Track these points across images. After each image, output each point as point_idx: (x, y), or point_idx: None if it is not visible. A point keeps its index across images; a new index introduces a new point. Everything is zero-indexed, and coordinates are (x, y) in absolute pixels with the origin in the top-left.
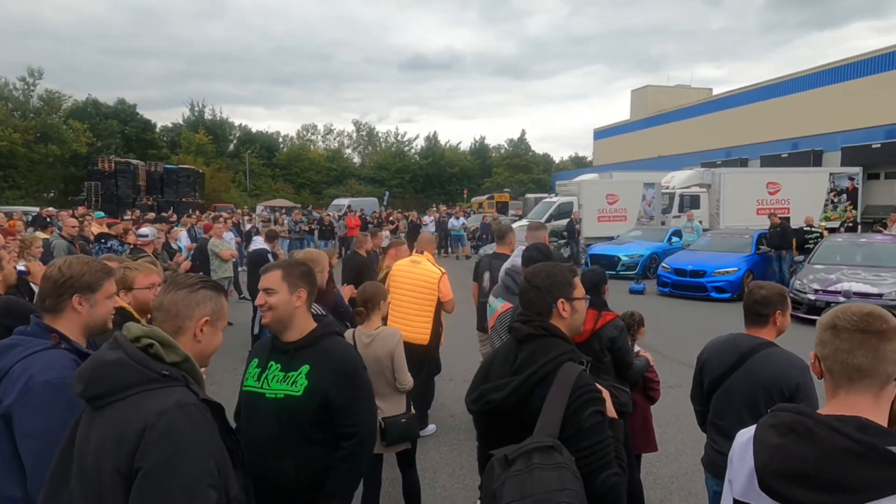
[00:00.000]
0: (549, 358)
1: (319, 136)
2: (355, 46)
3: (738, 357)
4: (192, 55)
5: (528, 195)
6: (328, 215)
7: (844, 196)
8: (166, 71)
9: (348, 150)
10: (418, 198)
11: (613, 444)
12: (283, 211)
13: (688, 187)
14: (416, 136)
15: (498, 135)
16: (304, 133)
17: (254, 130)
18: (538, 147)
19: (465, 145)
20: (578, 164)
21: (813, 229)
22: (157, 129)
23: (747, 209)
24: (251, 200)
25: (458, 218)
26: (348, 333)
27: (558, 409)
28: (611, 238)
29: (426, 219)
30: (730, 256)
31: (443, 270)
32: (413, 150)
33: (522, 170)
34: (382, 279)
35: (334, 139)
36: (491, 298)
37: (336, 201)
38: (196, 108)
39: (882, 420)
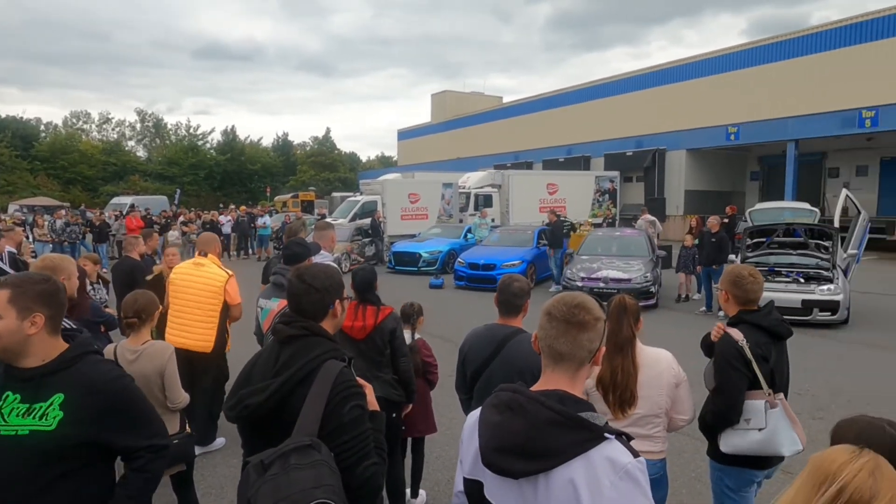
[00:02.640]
0: (310, 357)
1: (94, 126)
2: (139, 27)
3: (495, 346)
4: None
5: (335, 194)
6: (101, 215)
7: (607, 196)
8: None
9: (131, 143)
10: (216, 196)
11: (374, 436)
12: (44, 211)
13: (482, 187)
14: (212, 130)
15: (303, 132)
16: (74, 121)
17: (2, 115)
18: (345, 145)
19: (268, 141)
20: (385, 164)
21: (565, 221)
22: None
23: (532, 207)
24: (2, 198)
25: (261, 216)
26: (108, 349)
27: (318, 407)
28: (413, 235)
29: (223, 218)
30: (515, 250)
31: (230, 273)
32: (209, 145)
33: (328, 168)
34: (152, 283)
35: (113, 129)
36: (262, 300)
37: (115, 199)
38: None
39: (579, 392)
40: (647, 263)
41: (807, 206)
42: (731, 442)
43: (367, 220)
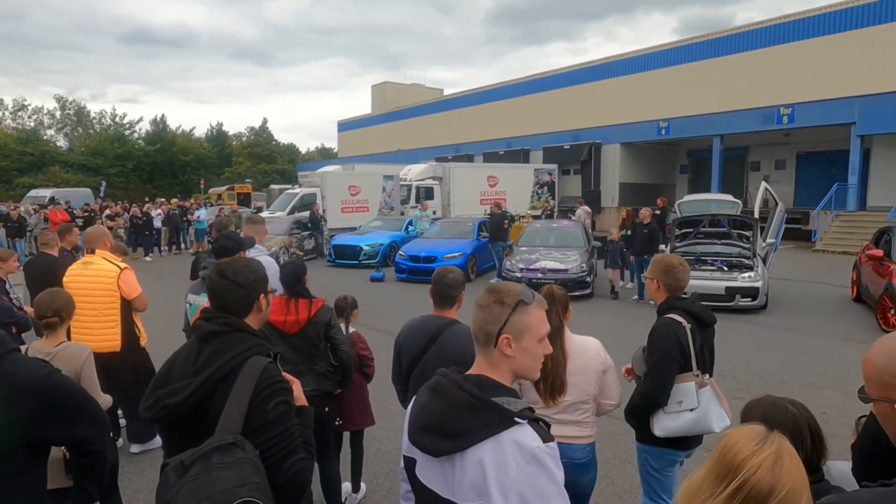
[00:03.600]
0: (234, 354)
1: (7, 113)
2: (58, 8)
3: (429, 338)
4: None
5: (273, 186)
6: (17, 209)
7: (546, 188)
8: None
9: (50, 132)
10: (146, 188)
11: (301, 431)
12: None
13: (423, 179)
14: (140, 119)
15: (238, 122)
16: None
17: None
18: (283, 136)
19: (201, 131)
20: (325, 156)
21: (507, 213)
22: None
23: (473, 200)
24: None
25: (197, 209)
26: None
27: (242, 404)
28: (354, 228)
29: (154, 212)
30: (456, 242)
31: (122, 266)
32: (136, 135)
33: (266, 160)
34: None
35: (29, 117)
36: (190, 296)
37: (33, 192)
38: None
39: (501, 377)
40: (583, 254)
41: (730, 197)
42: (664, 426)
43: (307, 213)
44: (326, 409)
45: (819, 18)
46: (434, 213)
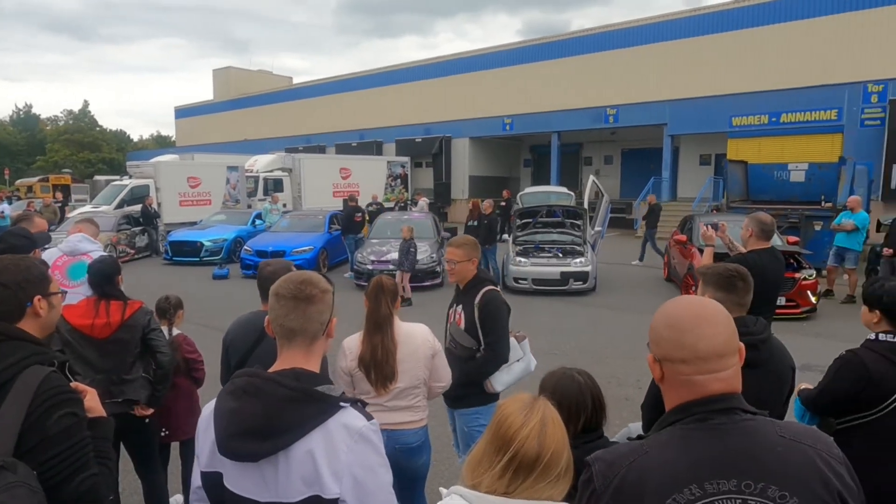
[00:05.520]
0: (6, 365)
1: None
2: None
3: (258, 333)
4: None
5: (98, 177)
6: None
7: (399, 181)
8: None
9: None
10: None
11: (95, 444)
12: None
13: (271, 171)
14: None
15: (53, 104)
16: None
17: None
18: (110, 122)
19: (5, 113)
20: (161, 144)
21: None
22: None
23: (325, 192)
24: None
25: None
26: None
27: (13, 422)
28: (194, 223)
29: None
30: (307, 236)
31: None
32: None
33: (88, 147)
34: None
35: None
36: None
37: None
38: None
39: (315, 367)
40: (432, 245)
41: (565, 190)
42: (503, 380)
43: (138, 207)
44: (146, 419)
45: (639, 29)
46: (284, 205)
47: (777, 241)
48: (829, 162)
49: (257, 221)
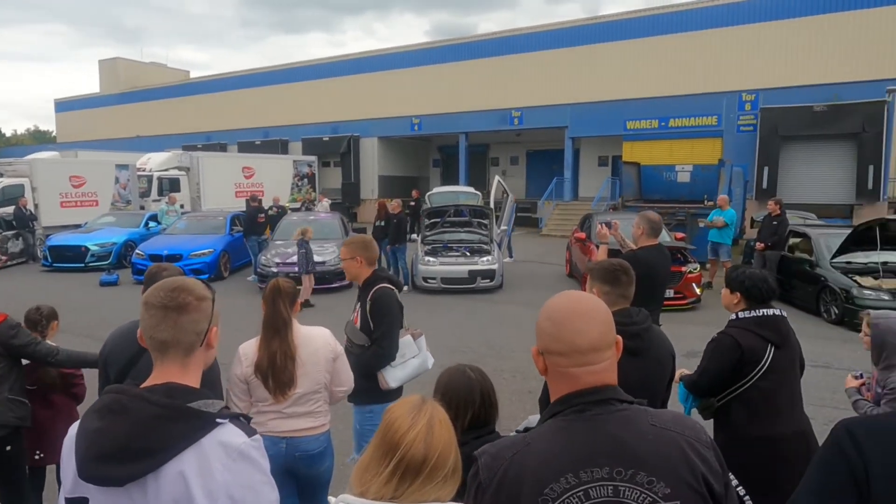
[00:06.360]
0: None
1: None
2: None
3: (139, 346)
4: None
5: None
6: None
7: (306, 180)
8: None
9: None
10: None
11: None
12: None
13: (166, 170)
14: None
15: None
16: None
17: None
18: None
19: None
20: (40, 140)
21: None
22: None
23: (227, 192)
24: None
25: None
26: None
27: None
28: (78, 226)
29: None
30: (206, 238)
31: None
32: None
33: None
34: None
35: None
36: None
37: None
38: None
39: (192, 381)
40: (340, 245)
41: (472, 190)
42: (396, 376)
43: (11, 209)
44: (8, 447)
45: (543, 35)
46: (182, 206)
47: (665, 237)
48: (710, 164)
49: (151, 223)
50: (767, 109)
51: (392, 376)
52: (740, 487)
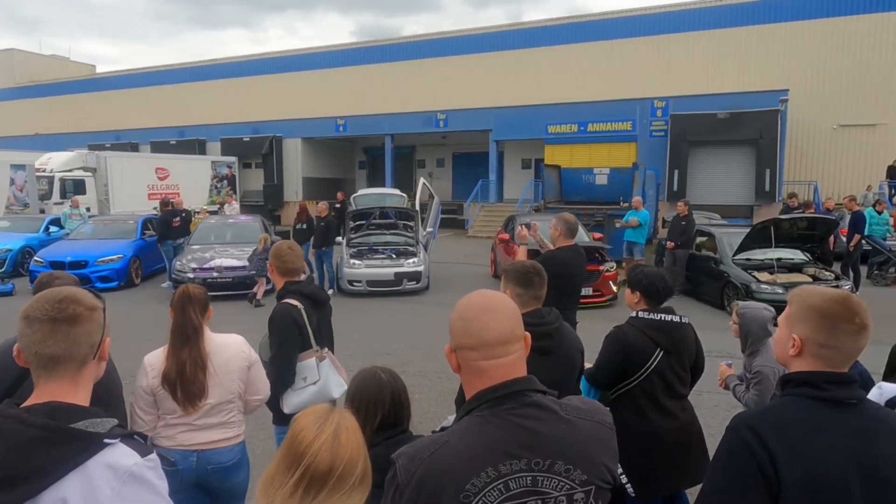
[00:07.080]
0: None
1: None
2: None
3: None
4: None
5: None
6: None
7: (225, 182)
8: None
9: None
10: None
11: None
12: None
13: (70, 170)
14: None
15: None
16: None
17: None
18: None
19: None
20: None
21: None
22: None
23: (139, 194)
24: None
25: None
26: None
27: None
28: None
29: None
30: (115, 243)
31: None
32: None
33: None
34: None
35: None
36: None
37: None
38: None
39: (83, 399)
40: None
41: (398, 192)
42: (292, 402)
43: None
44: None
45: (467, 39)
46: (88, 210)
47: (584, 237)
48: (625, 167)
49: (52, 228)
50: (677, 116)
51: (287, 402)
52: (623, 476)
